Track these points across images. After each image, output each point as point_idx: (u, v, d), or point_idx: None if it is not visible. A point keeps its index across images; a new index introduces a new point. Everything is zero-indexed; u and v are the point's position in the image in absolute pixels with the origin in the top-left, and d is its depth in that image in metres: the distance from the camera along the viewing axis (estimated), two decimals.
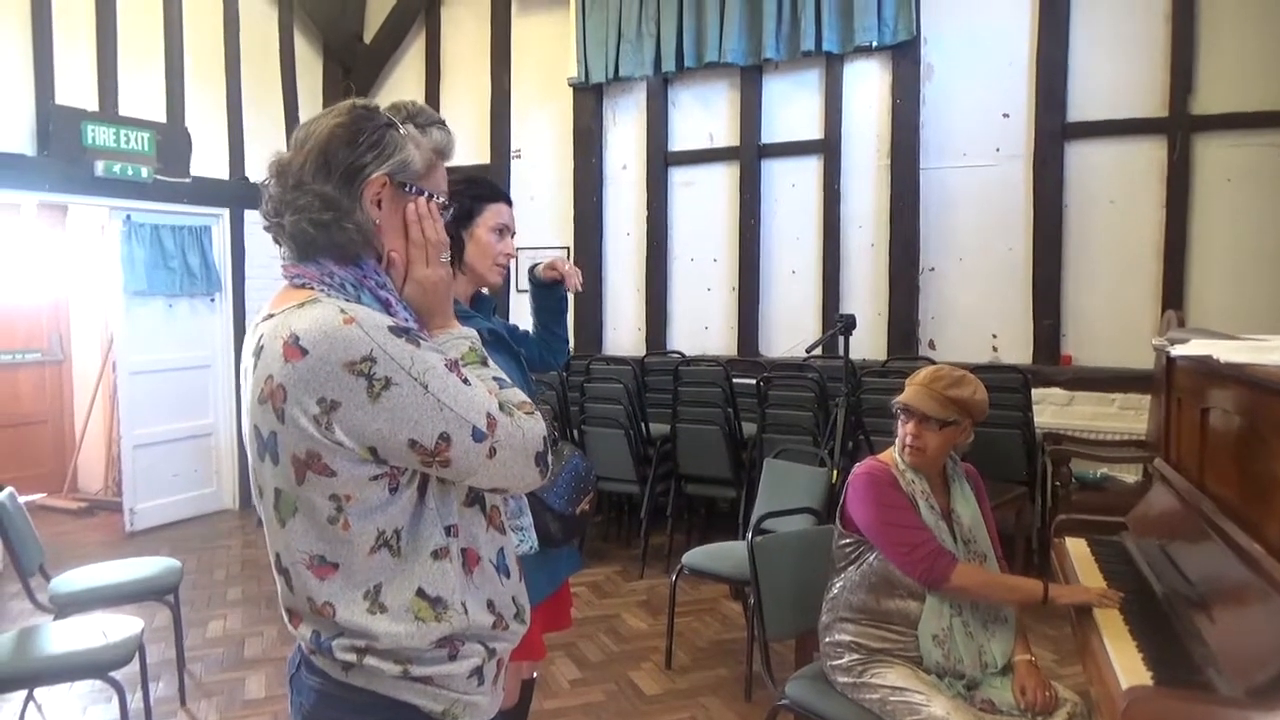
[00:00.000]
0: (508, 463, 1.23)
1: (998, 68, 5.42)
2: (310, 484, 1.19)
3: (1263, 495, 1.81)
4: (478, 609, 1.29)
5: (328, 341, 1.15)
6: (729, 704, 3.49)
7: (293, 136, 1.30)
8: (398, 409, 1.16)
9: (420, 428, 1.17)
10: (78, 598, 3.33)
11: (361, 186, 1.25)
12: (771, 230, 6.17)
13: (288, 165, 1.26)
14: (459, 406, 1.19)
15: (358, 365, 1.15)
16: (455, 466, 1.21)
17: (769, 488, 4.02)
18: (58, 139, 5.44)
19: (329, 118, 1.27)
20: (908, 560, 2.28)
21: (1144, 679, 1.72)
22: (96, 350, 6.89)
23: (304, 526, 1.22)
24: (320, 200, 1.23)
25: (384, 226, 1.28)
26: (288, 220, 1.25)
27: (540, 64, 6.90)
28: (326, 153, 1.24)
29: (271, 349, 1.18)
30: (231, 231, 6.49)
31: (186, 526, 6.13)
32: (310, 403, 1.15)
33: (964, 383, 2.37)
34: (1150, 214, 5.07)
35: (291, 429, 1.17)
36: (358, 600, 1.22)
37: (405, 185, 1.29)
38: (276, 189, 1.26)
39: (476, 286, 2.15)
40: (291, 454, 1.18)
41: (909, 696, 2.21)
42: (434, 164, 1.34)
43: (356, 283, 1.25)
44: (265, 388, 1.18)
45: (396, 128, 1.28)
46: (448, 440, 1.18)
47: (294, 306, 1.21)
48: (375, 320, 1.18)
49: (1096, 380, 5.12)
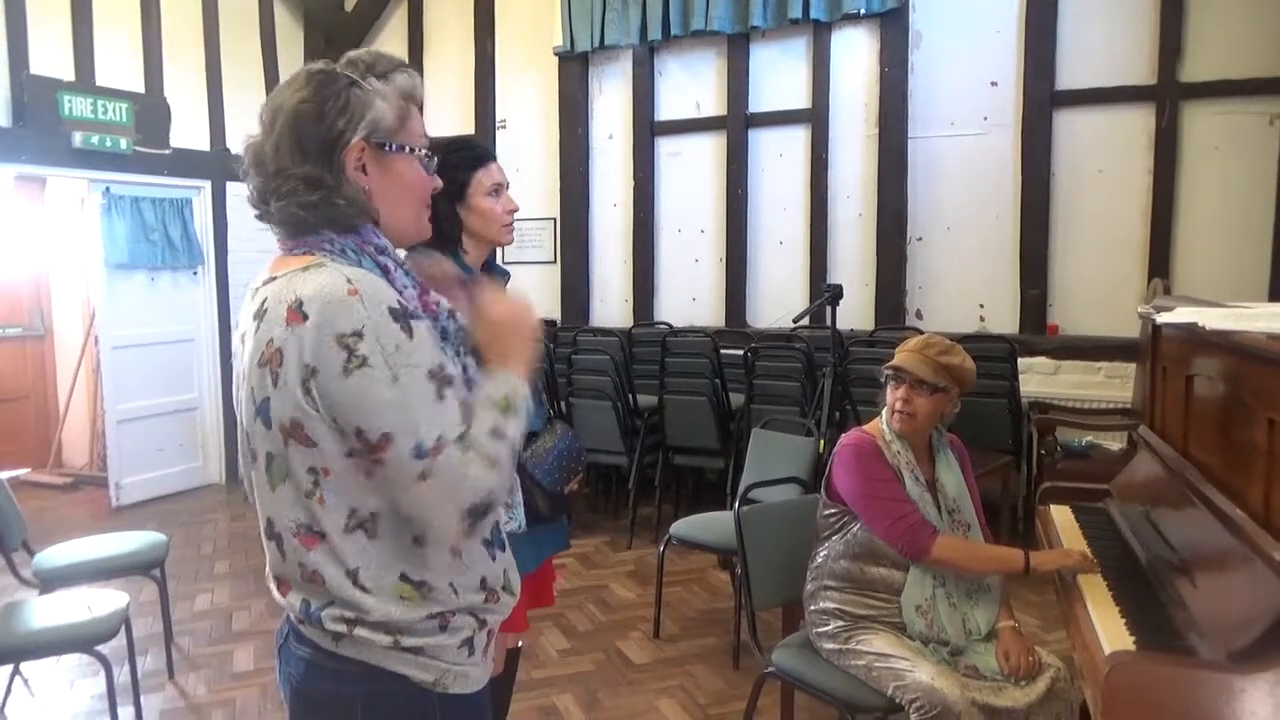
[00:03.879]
0: (433, 496, 1.16)
1: (986, 35, 5.38)
2: (293, 452, 1.18)
3: (1245, 462, 1.81)
4: (468, 588, 1.28)
5: (329, 309, 1.13)
6: (717, 672, 3.51)
7: (259, 116, 1.26)
8: (361, 390, 1.13)
9: (370, 418, 1.14)
10: (62, 572, 3.31)
11: (341, 158, 1.22)
12: (759, 201, 6.14)
13: (263, 152, 1.23)
14: (416, 413, 1.15)
15: (346, 338, 1.13)
16: (387, 472, 1.16)
17: (756, 458, 4.02)
18: (34, 110, 5.34)
19: (290, 92, 1.24)
20: (890, 531, 2.29)
21: (1127, 644, 1.74)
22: (79, 324, 6.83)
23: (293, 494, 1.20)
24: (304, 183, 1.21)
25: (374, 190, 1.26)
26: (274, 207, 1.23)
27: (525, 32, 6.82)
28: (297, 132, 1.21)
29: (275, 312, 1.17)
30: (213, 204, 6.41)
31: (173, 501, 6.12)
32: (302, 367, 1.14)
33: (955, 351, 2.39)
34: (1138, 182, 5.06)
35: (283, 393, 1.16)
36: (343, 575, 1.21)
37: (384, 144, 1.26)
38: (258, 179, 1.24)
39: (486, 250, 2.13)
40: (279, 420, 1.17)
41: (894, 663, 2.23)
42: (406, 113, 1.30)
43: (357, 249, 1.24)
44: (266, 351, 1.17)
45: (359, 84, 1.25)
46: (389, 440, 1.14)
47: (298, 270, 1.19)
48: (379, 296, 1.16)
49: (1083, 349, 5.13)
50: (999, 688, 2.20)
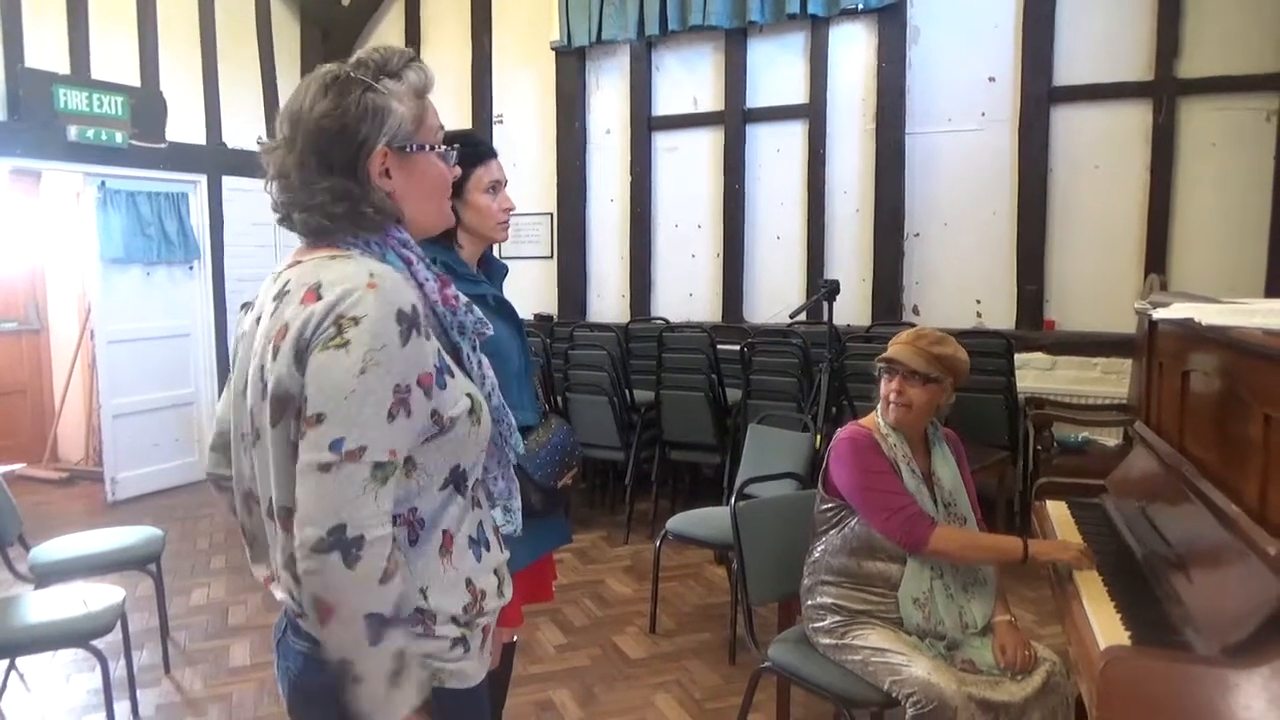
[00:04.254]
0: (318, 495, 1.11)
1: (984, 30, 5.38)
2: (280, 430, 1.17)
3: (1241, 457, 1.82)
4: (445, 590, 1.25)
5: (343, 293, 1.15)
6: (713, 667, 3.52)
7: (277, 125, 1.27)
8: (325, 368, 1.12)
9: (314, 396, 1.12)
10: (58, 567, 3.31)
11: (366, 168, 1.24)
12: (756, 196, 6.13)
13: (285, 165, 1.24)
14: (357, 417, 1.12)
15: (344, 319, 1.13)
16: (302, 454, 1.12)
17: (753, 453, 4.03)
18: (29, 103, 5.32)
19: (309, 101, 1.23)
20: (888, 524, 2.30)
21: (1122, 638, 1.74)
22: (74, 319, 6.81)
23: (279, 475, 1.19)
24: (331, 194, 1.22)
25: (398, 192, 1.27)
26: (299, 218, 1.24)
27: (522, 27, 6.80)
28: (321, 146, 1.22)
29: (295, 294, 1.19)
30: (209, 198, 6.39)
31: (169, 496, 6.11)
32: (299, 339, 1.14)
33: (947, 342, 2.40)
34: (1135, 178, 5.06)
35: (280, 366, 1.16)
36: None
37: (405, 147, 1.27)
38: (283, 193, 1.25)
39: (482, 246, 2.12)
40: (274, 394, 1.17)
41: (890, 658, 2.23)
42: (421, 110, 1.30)
43: (380, 243, 1.26)
44: (278, 328, 1.18)
45: (374, 89, 1.24)
46: (318, 421, 1.11)
47: (326, 258, 1.22)
48: (394, 296, 1.16)
49: (1079, 345, 5.14)
50: (995, 682, 2.20)
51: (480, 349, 1.37)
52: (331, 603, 1.12)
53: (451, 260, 1.99)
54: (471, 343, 1.34)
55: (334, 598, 1.11)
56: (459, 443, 1.25)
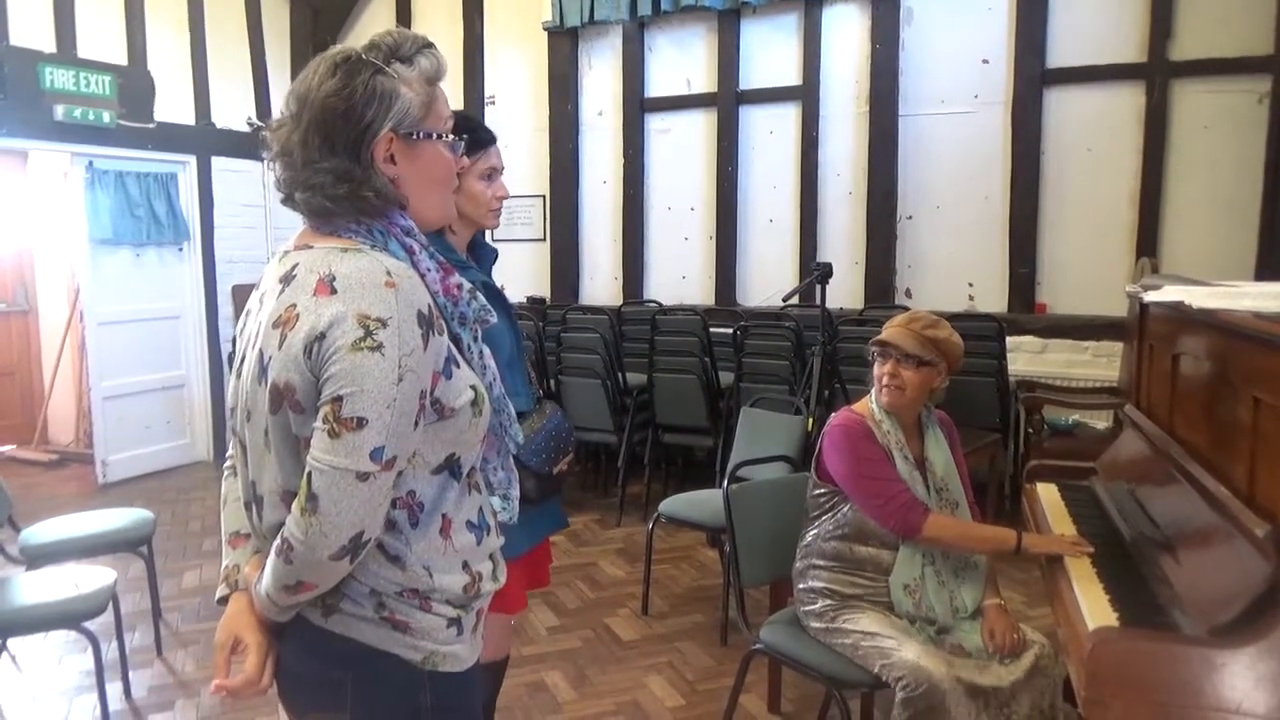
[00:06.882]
0: (355, 503, 1.13)
1: (978, 12, 5.36)
2: (280, 418, 1.18)
3: (1230, 439, 1.83)
4: (446, 571, 1.27)
5: (361, 290, 1.14)
6: (705, 649, 3.54)
7: (284, 104, 1.26)
8: (364, 369, 1.12)
9: (355, 398, 1.12)
10: (49, 549, 3.30)
11: (370, 151, 1.23)
12: (749, 178, 6.12)
13: (290, 143, 1.23)
14: (396, 426, 1.14)
15: (369, 320, 1.13)
16: (336, 450, 1.12)
17: (745, 436, 4.03)
18: (14, 82, 5.26)
19: (317, 80, 1.22)
20: (882, 512, 2.30)
21: (1110, 620, 1.75)
22: (63, 300, 6.77)
23: (277, 459, 1.20)
24: (332, 175, 1.21)
25: (402, 178, 1.27)
26: (300, 198, 1.23)
27: (513, 7, 6.75)
28: (325, 126, 1.21)
29: (304, 280, 1.18)
30: (199, 178, 6.34)
31: (160, 478, 6.10)
32: (311, 332, 1.14)
33: (940, 326, 2.40)
34: (1127, 161, 5.06)
35: (285, 355, 1.15)
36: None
37: (411, 134, 1.26)
38: (285, 171, 1.24)
39: (472, 231, 2.10)
40: (275, 381, 1.16)
41: (880, 641, 2.25)
42: (431, 97, 1.29)
43: (384, 230, 1.25)
44: (285, 313, 1.17)
45: (384, 72, 1.24)
46: (361, 425, 1.12)
47: (338, 249, 1.21)
48: (413, 297, 1.17)
49: (1070, 328, 5.15)
50: (984, 665, 2.22)
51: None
52: (313, 583, 1.19)
53: (439, 246, 1.98)
54: (473, 332, 1.33)
55: (317, 579, 1.19)
56: (459, 432, 1.26)
